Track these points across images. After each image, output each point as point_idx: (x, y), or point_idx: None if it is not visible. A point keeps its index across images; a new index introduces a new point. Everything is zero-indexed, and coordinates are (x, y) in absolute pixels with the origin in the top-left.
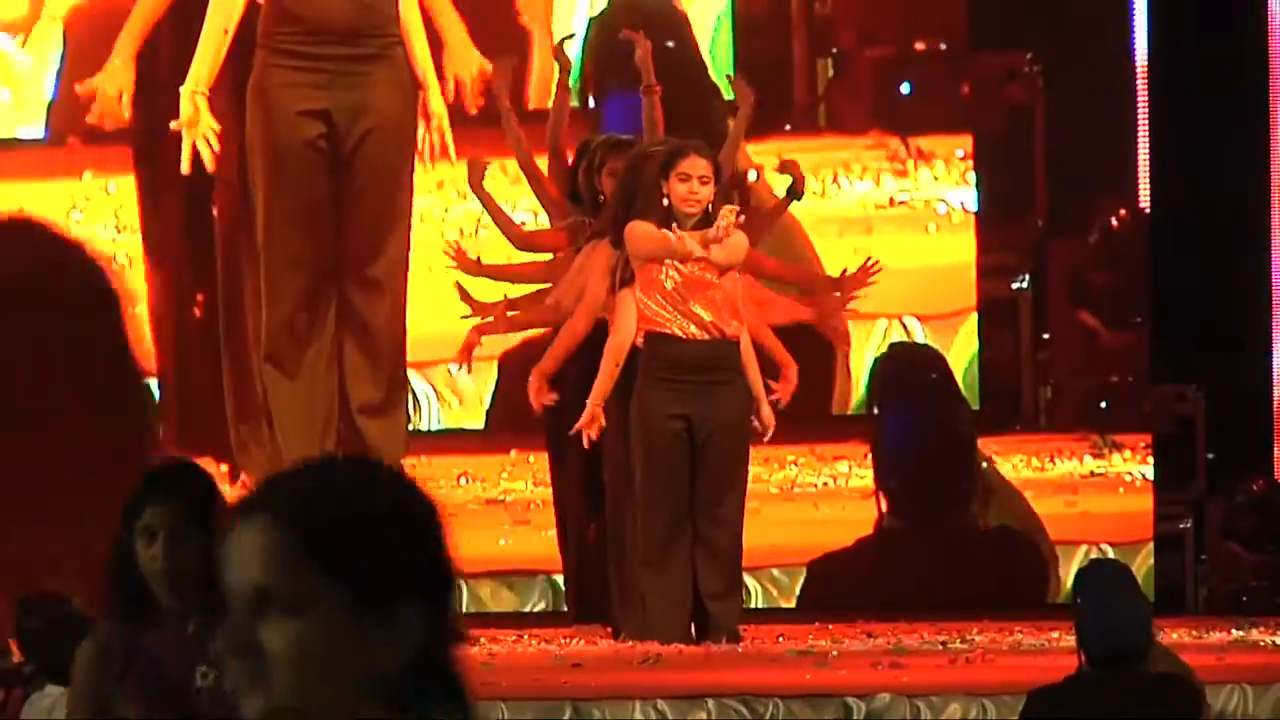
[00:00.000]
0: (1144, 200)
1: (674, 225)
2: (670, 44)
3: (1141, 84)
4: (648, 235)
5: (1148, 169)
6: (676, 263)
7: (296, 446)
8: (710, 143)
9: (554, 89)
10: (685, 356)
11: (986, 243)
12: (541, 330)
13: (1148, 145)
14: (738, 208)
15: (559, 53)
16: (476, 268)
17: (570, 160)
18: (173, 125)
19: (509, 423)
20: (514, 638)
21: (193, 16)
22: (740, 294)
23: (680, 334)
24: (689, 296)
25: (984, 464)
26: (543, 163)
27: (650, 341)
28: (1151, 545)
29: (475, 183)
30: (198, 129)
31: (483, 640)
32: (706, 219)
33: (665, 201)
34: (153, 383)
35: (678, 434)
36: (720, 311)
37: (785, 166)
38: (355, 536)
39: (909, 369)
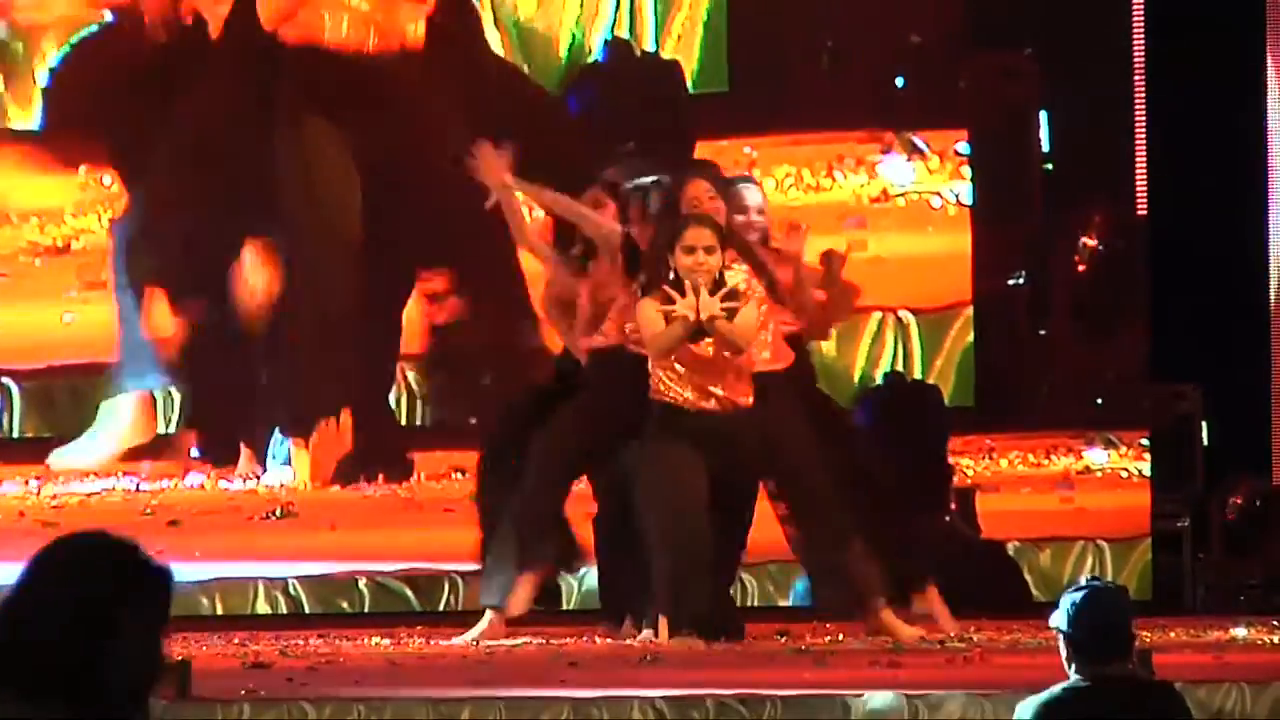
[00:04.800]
0: (1141, 197)
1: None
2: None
3: (1139, 80)
4: (653, 326)
5: (1145, 166)
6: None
7: None
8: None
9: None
10: (698, 426)
11: (982, 238)
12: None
13: (1145, 142)
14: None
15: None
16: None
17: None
18: None
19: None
20: (511, 635)
21: None
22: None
23: (691, 407)
24: (704, 371)
25: None
26: None
27: (663, 410)
28: (1148, 541)
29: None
30: None
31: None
32: (719, 282)
33: (673, 274)
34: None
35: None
36: (734, 384)
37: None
38: None
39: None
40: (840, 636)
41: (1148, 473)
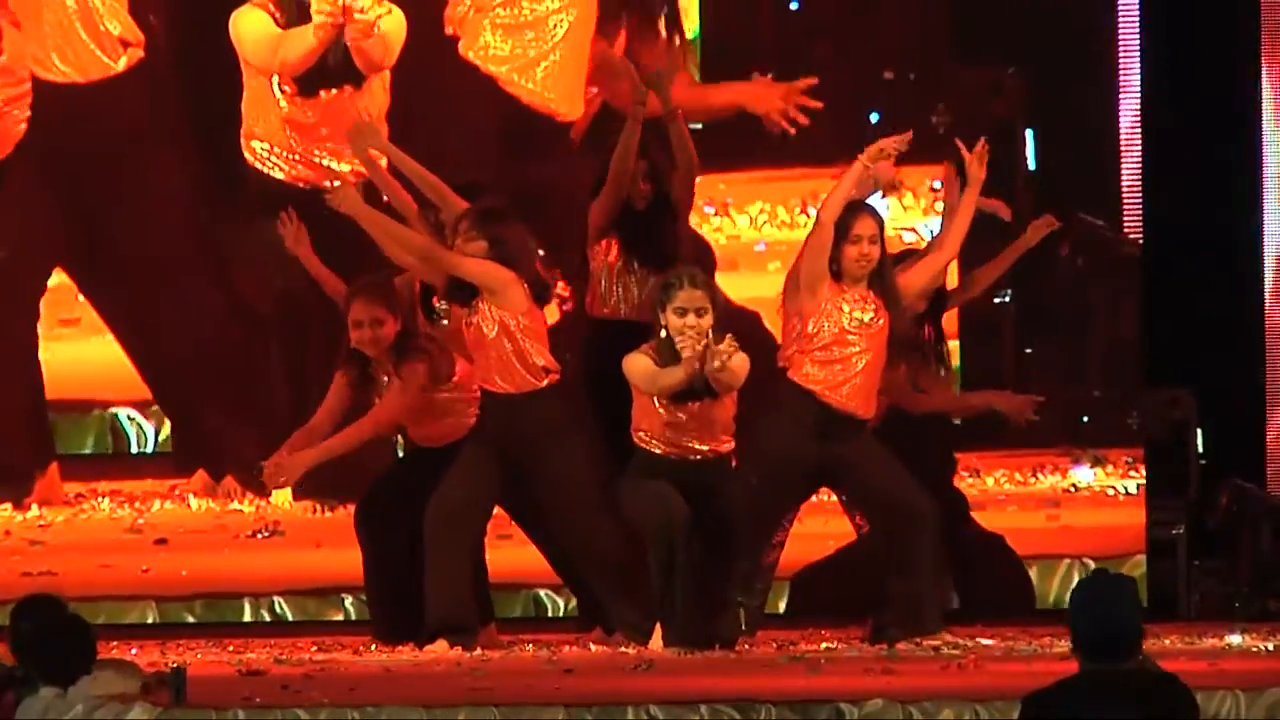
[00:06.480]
0: (1133, 213)
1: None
2: None
3: (1128, 94)
4: (644, 376)
5: (1136, 179)
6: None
7: None
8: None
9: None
10: (676, 470)
11: (967, 255)
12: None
13: (1135, 155)
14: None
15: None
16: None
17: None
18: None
19: None
20: (507, 643)
21: None
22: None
23: (673, 457)
24: (686, 428)
25: None
26: None
27: (643, 454)
28: (1134, 559)
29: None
30: None
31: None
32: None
33: (663, 332)
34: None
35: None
36: (716, 434)
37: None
38: None
39: None
40: (838, 647)
41: (1134, 491)
